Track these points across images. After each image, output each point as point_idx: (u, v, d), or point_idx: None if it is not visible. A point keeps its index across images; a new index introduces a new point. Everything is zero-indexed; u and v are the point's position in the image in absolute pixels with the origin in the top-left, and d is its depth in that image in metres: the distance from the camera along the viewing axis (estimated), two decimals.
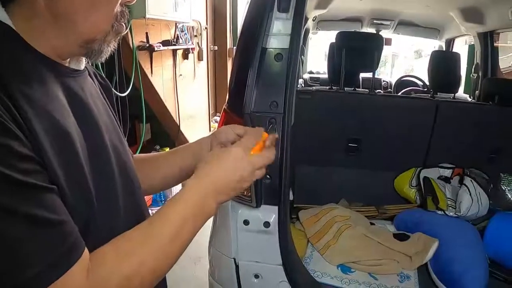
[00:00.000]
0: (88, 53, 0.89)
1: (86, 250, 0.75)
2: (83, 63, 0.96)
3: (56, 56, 0.86)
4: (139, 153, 4.30)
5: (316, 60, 9.03)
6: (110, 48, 0.92)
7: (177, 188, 4.63)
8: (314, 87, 3.83)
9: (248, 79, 1.69)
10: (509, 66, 4.75)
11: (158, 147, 5.17)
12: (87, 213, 0.82)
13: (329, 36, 6.78)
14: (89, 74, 1.02)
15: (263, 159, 1.04)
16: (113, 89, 1.13)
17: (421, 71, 6.48)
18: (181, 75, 5.19)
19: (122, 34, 0.93)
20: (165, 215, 0.88)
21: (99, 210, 0.85)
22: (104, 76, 1.13)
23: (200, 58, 5.77)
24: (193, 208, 0.91)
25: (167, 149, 5.13)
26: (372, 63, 2.80)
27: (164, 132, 5.27)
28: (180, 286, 3.38)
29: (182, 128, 5.24)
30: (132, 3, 0.91)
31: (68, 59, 0.91)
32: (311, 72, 6.83)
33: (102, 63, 3.49)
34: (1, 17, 0.78)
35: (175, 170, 1.30)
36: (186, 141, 5.35)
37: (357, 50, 2.80)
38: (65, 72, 0.89)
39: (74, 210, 0.77)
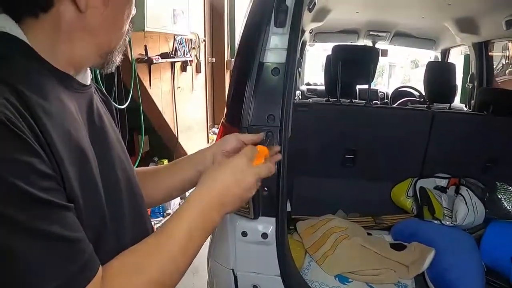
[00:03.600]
0: (104, 63, 0.95)
1: (100, 269, 0.76)
2: (89, 78, 0.98)
3: (71, 70, 0.89)
4: (138, 165, 4.31)
5: (314, 70, 9.07)
6: (119, 58, 0.97)
7: (176, 200, 4.65)
8: (311, 99, 3.85)
9: (245, 92, 1.71)
10: (504, 76, 4.80)
11: (156, 159, 5.18)
12: (99, 228, 0.84)
13: (326, 47, 6.84)
14: None
15: (267, 169, 1.06)
16: (112, 103, 1.15)
17: (417, 81, 6.51)
18: (179, 87, 5.22)
19: (126, 45, 0.99)
20: (171, 231, 0.89)
21: (110, 223, 0.87)
22: (105, 92, 1.15)
23: (198, 70, 5.81)
24: (198, 222, 0.92)
25: (166, 161, 5.18)
26: (368, 75, 2.83)
27: (162, 144, 5.28)
28: None
29: (180, 140, 5.27)
30: (134, 14, 0.97)
31: (76, 74, 0.93)
32: (308, 84, 6.86)
33: (101, 76, 3.53)
34: (15, 33, 0.80)
35: (176, 182, 1.31)
36: (184, 153, 5.36)
37: (353, 62, 2.83)
38: (76, 87, 0.90)
39: (88, 226, 0.78)
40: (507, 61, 5.07)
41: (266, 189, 1.72)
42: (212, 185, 0.98)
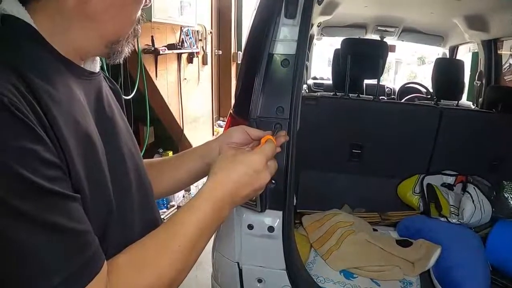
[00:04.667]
0: (110, 53, 0.90)
1: (105, 263, 0.74)
2: (98, 66, 0.95)
3: (76, 57, 0.86)
4: (143, 156, 4.29)
5: (319, 66, 9.04)
6: (128, 49, 0.93)
7: (180, 192, 4.64)
8: (319, 93, 3.83)
9: (254, 84, 1.70)
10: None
11: (161, 150, 5.18)
12: (106, 218, 0.82)
13: (332, 42, 6.82)
14: None
15: (275, 164, 1.04)
16: (121, 93, 1.12)
17: (424, 78, 6.48)
18: (185, 79, 5.21)
19: (138, 36, 0.95)
20: (181, 226, 0.87)
21: (117, 213, 0.85)
22: (113, 80, 1.12)
23: (204, 62, 5.79)
24: (208, 217, 0.89)
25: (171, 153, 5.18)
26: (377, 70, 2.82)
27: (167, 135, 5.27)
28: (182, 286, 3.38)
29: (185, 132, 5.25)
30: (148, 5, 0.92)
31: (82, 62, 0.90)
32: (315, 78, 6.84)
33: (107, 65, 3.51)
34: (22, 16, 0.77)
35: (183, 174, 1.29)
36: (189, 144, 5.36)
37: (362, 56, 2.81)
38: (83, 75, 0.88)
39: (95, 217, 0.76)
40: None
41: (273, 182, 1.71)
42: (225, 181, 0.95)
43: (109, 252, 0.79)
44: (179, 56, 5.00)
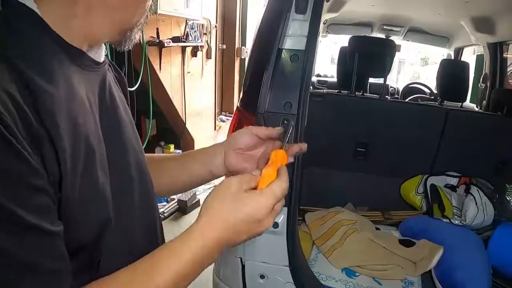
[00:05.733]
0: (121, 40, 0.86)
1: None
2: (103, 54, 0.90)
3: (84, 44, 0.80)
4: (144, 148, 4.28)
5: (323, 63, 9.02)
6: (138, 36, 0.90)
7: None
8: (324, 90, 3.82)
9: (263, 78, 1.69)
10: None
11: (163, 143, 5.18)
12: (103, 223, 0.77)
13: (337, 40, 6.80)
14: None
15: (282, 203, 0.88)
16: (126, 83, 1.07)
17: (427, 79, 6.48)
18: (189, 72, 5.20)
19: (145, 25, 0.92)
20: (164, 267, 0.76)
21: (116, 214, 0.80)
22: (118, 69, 1.06)
23: (208, 56, 5.78)
24: (195, 263, 0.79)
25: (172, 146, 5.18)
26: (384, 69, 2.81)
27: (169, 128, 5.27)
28: None
29: (187, 125, 5.25)
30: None
31: (88, 49, 0.84)
32: (318, 75, 6.83)
33: (111, 57, 3.50)
34: (24, 0, 0.72)
35: (183, 176, 1.20)
36: (191, 138, 5.36)
37: (369, 55, 2.80)
38: (89, 65, 0.83)
39: (87, 224, 0.73)
40: None
41: None
42: (220, 226, 0.81)
43: (106, 254, 0.77)
44: (183, 49, 5.00)
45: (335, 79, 4.22)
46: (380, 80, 3.07)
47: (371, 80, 4.24)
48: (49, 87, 0.68)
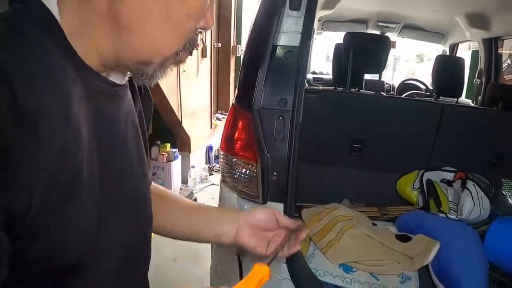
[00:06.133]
0: (137, 73, 0.75)
1: None
2: (125, 78, 0.81)
3: (98, 64, 0.72)
4: None
5: (317, 60, 9.03)
6: (164, 74, 0.78)
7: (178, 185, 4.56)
8: (320, 87, 3.83)
9: (258, 75, 1.70)
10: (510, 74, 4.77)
11: (159, 142, 5.17)
12: (74, 260, 0.69)
13: (332, 37, 6.80)
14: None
15: None
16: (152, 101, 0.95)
17: (422, 75, 6.49)
18: (184, 71, 5.19)
19: (182, 63, 0.81)
20: None
21: (93, 254, 0.72)
22: (144, 86, 0.94)
23: (203, 54, 5.77)
24: None
25: (168, 145, 5.17)
26: (379, 65, 2.81)
27: (165, 127, 5.26)
28: (179, 282, 3.39)
29: (183, 124, 5.25)
30: (208, 28, 0.77)
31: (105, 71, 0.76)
32: (314, 73, 6.83)
33: None
34: (48, 3, 0.65)
35: (188, 230, 1.12)
36: (187, 137, 5.36)
37: (364, 51, 2.80)
38: (102, 87, 0.74)
39: (50, 259, 0.65)
40: None
41: (275, 174, 1.71)
42: None
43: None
44: None
45: (330, 76, 4.22)
46: (376, 77, 3.07)
47: (367, 77, 4.24)
48: (43, 108, 0.60)
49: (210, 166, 6.25)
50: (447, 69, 3.13)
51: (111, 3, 0.66)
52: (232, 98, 6.22)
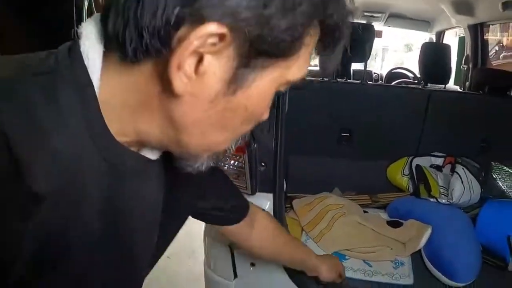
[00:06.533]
0: (180, 158, 0.72)
1: None
2: (158, 153, 0.75)
3: (133, 142, 0.67)
4: None
5: None
6: (206, 164, 0.74)
7: None
8: (307, 77, 3.82)
9: None
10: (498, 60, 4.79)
11: None
12: None
13: None
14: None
15: None
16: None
17: (411, 65, 6.50)
18: None
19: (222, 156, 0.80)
20: None
21: None
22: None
23: None
24: None
25: None
26: (364, 53, 2.81)
27: None
28: (175, 279, 3.39)
29: None
30: (263, 119, 0.72)
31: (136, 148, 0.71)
32: None
33: None
34: (93, 58, 0.60)
35: (288, 260, 1.58)
36: None
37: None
38: (130, 163, 0.69)
39: None
40: (501, 44, 5.07)
41: (263, 164, 1.71)
42: None
43: None
44: None
45: (317, 68, 4.21)
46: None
47: (355, 67, 4.24)
48: (46, 189, 0.55)
49: None
50: (434, 56, 3.14)
51: (163, 101, 0.61)
52: None
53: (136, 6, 0.53)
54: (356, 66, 4.27)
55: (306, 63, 0.65)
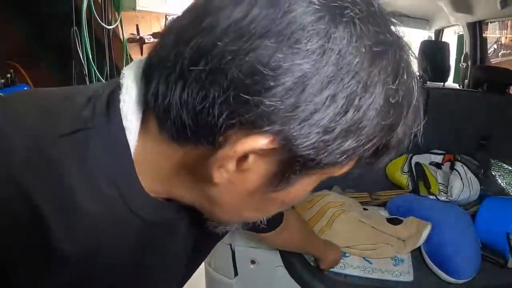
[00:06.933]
0: (206, 220, 0.70)
1: None
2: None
3: (163, 198, 0.64)
4: None
5: None
6: (231, 229, 0.74)
7: None
8: None
9: None
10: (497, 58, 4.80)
11: None
12: None
13: None
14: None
15: None
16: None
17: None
18: None
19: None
20: None
21: None
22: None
23: None
24: None
25: None
26: None
27: None
28: None
29: None
30: (296, 202, 0.69)
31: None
32: None
33: (93, 56, 3.48)
34: (129, 127, 0.57)
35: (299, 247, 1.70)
36: None
37: None
38: (162, 219, 0.66)
39: None
40: (500, 43, 5.09)
41: None
42: None
43: None
44: None
45: None
46: None
47: None
48: (71, 251, 0.53)
49: None
50: (432, 54, 3.15)
51: (200, 180, 0.58)
52: None
53: (182, 91, 0.49)
54: None
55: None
